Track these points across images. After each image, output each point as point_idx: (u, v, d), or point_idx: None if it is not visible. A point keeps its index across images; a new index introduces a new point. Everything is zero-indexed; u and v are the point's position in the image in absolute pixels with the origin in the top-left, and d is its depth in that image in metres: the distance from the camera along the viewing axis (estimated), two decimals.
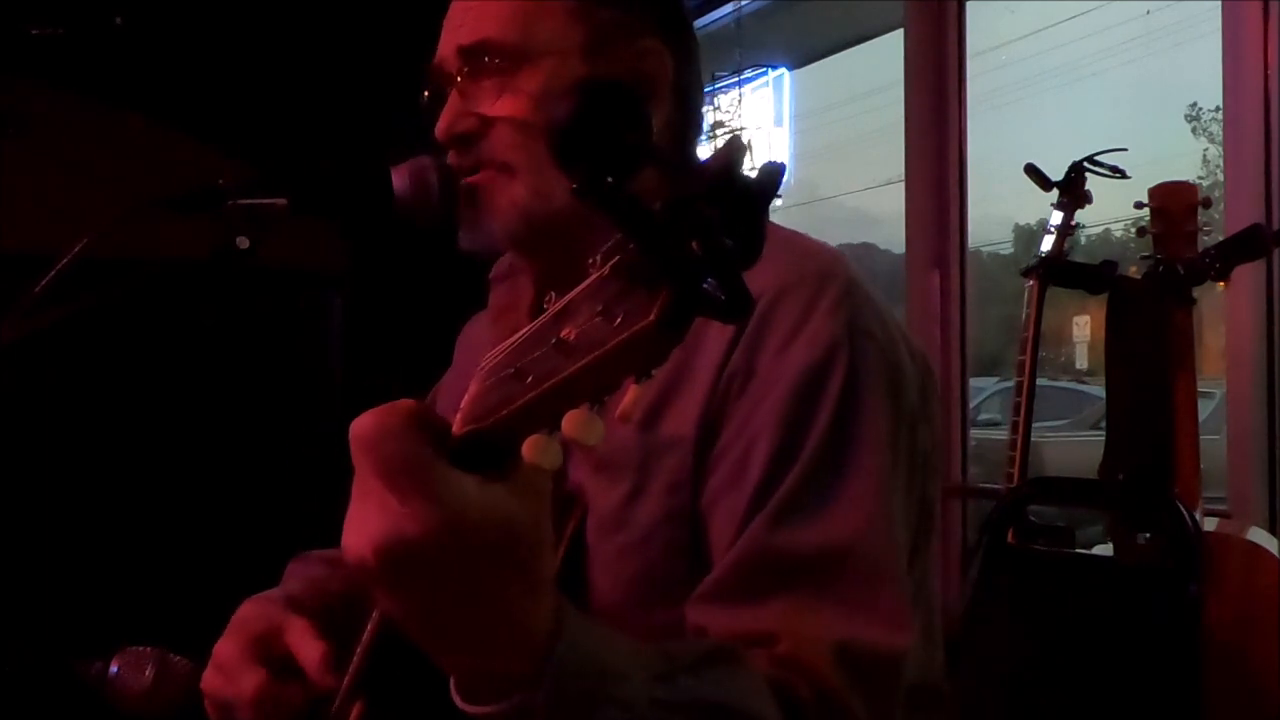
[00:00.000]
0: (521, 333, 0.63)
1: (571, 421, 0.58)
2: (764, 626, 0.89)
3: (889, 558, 0.94)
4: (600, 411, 0.58)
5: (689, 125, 1.14)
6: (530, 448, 0.61)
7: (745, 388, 0.97)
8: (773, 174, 0.55)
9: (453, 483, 0.64)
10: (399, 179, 1.09)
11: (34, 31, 2.55)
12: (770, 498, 0.93)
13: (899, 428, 0.97)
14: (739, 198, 0.54)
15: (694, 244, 0.54)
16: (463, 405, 0.66)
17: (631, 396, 0.58)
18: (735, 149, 0.55)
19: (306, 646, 1.00)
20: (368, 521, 0.65)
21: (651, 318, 0.54)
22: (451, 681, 0.73)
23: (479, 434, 0.64)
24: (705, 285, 0.54)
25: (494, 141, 1.06)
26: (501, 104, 1.06)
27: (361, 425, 0.66)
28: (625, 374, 0.57)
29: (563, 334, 0.59)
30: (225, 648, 1.04)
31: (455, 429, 0.65)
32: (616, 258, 0.57)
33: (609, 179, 0.55)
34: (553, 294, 0.63)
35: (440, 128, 1.08)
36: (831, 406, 0.94)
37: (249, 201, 1.09)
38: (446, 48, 1.09)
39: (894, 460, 0.96)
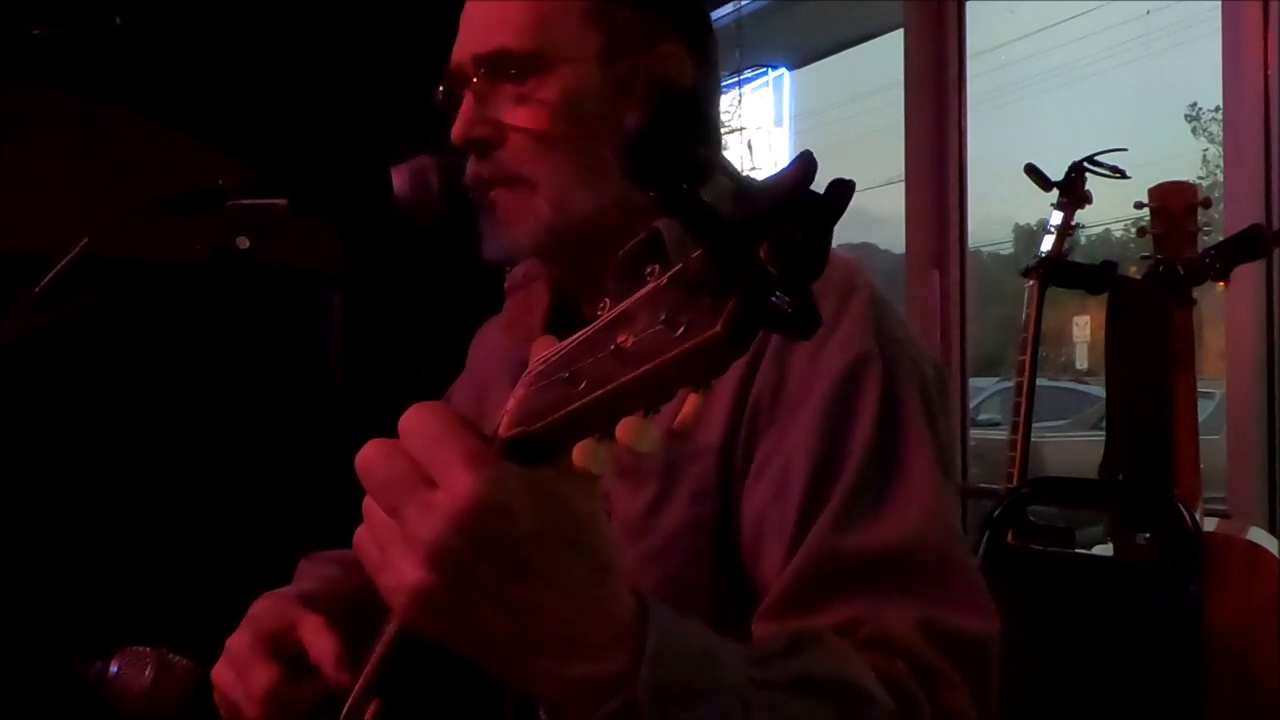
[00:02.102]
0: (574, 338, 0.62)
1: (626, 428, 0.58)
2: (843, 618, 0.87)
3: (955, 547, 0.93)
4: (654, 418, 0.58)
5: (708, 130, 1.13)
6: (581, 452, 0.60)
7: (777, 398, 0.96)
8: (842, 190, 0.55)
9: (502, 465, 0.64)
10: (399, 179, 1.09)
11: (34, 31, 2.55)
12: (823, 506, 0.91)
13: (933, 423, 0.98)
14: (810, 212, 0.54)
15: (763, 256, 0.54)
16: (509, 408, 0.66)
17: (690, 407, 0.58)
18: (807, 164, 0.55)
19: (320, 642, 0.99)
20: (415, 537, 0.64)
21: (719, 328, 0.54)
22: (540, 710, 0.70)
23: (528, 436, 0.64)
24: (773, 298, 0.54)
25: (510, 152, 1.05)
26: (519, 114, 1.05)
27: (408, 415, 0.66)
28: (683, 383, 0.57)
29: (619, 340, 0.58)
30: (238, 641, 1.03)
31: (503, 430, 0.65)
32: (677, 267, 0.57)
33: (683, 185, 0.55)
34: (607, 301, 0.63)
35: (456, 132, 1.07)
36: (874, 409, 0.94)
37: (249, 201, 1.09)
38: (463, 53, 1.08)
39: (935, 454, 0.96)
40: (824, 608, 0.88)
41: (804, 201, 0.54)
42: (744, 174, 1.01)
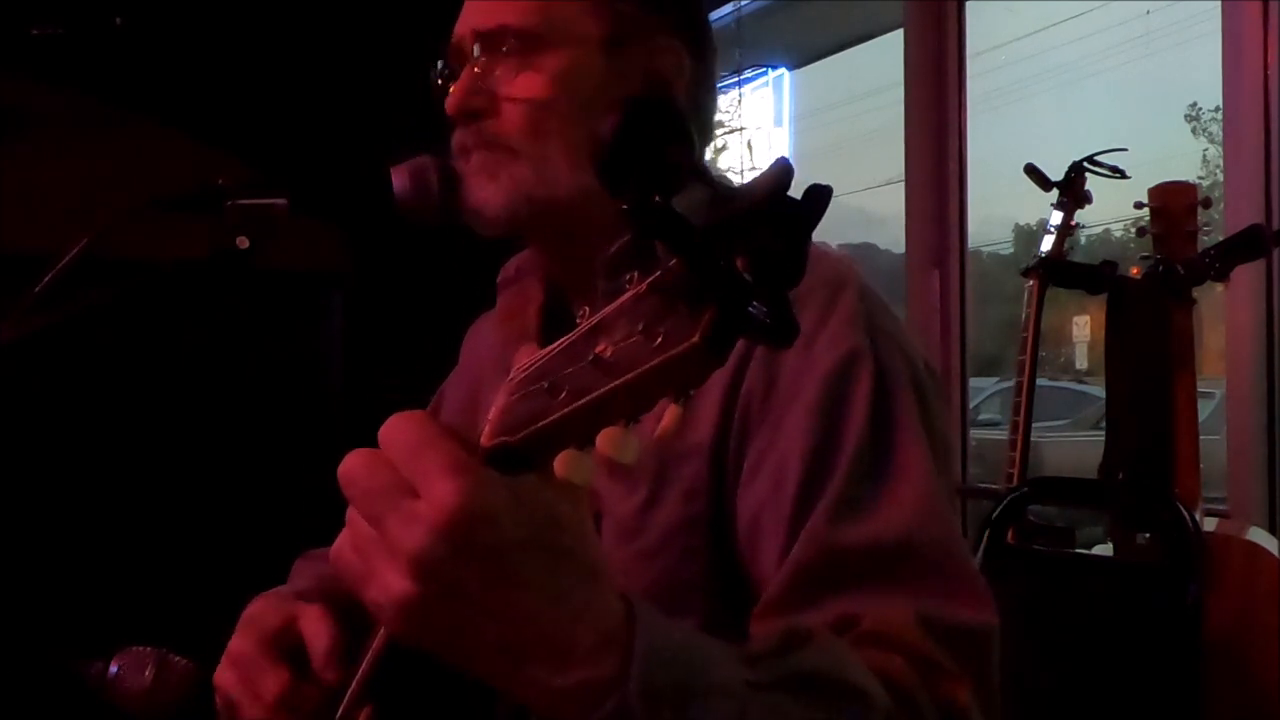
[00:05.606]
0: (553, 346, 0.62)
1: (607, 439, 0.57)
2: (841, 614, 0.87)
3: (952, 540, 0.93)
4: (634, 429, 0.57)
5: (701, 129, 1.13)
6: (563, 463, 0.60)
7: (769, 396, 0.96)
8: (819, 197, 0.54)
9: (484, 473, 0.63)
10: (399, 179, 1.09)
11: (34, 31, 2.55)
12: (817, 501, 0.91)
13: (927, 418, 0.97)
14: (786, 219, 0.54)
15: (740, 264, 0.53)
16: (490, 417, 0.65)
17: (670, 418, 0.57)
18: (783, 170, 0.55)
19: (318, 634, 0.98)
20: (398, 547, 0.63)
21: (696, 338, 0.53)
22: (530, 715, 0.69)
23: (509, 447, 0.63)
24: (751, 307, 0.53)
25: (504, 121, 1.06)
26: (518, 84, 1.05)
27: (388, 425, 0.65)
28: (663, 394, 0.56)
29: (598, 350, 0.58)
30: (241, 644, 1.02)
31: (484, 440, 0.64)
32: (655, 274, 0.56)
33: (656, 196, 0.54)
34: (586, 308, 0.62)
35: (451, 102, 1.08)
36: (866, 403, 0.94)
37: (249, 201, 1.09)
38: (464, 29, 1.09)
39: (930, 449, 0.96)
40: (821, 603, 0.88)
41: (780, 208, 0.54)
42: (722, 179, 1.01)
